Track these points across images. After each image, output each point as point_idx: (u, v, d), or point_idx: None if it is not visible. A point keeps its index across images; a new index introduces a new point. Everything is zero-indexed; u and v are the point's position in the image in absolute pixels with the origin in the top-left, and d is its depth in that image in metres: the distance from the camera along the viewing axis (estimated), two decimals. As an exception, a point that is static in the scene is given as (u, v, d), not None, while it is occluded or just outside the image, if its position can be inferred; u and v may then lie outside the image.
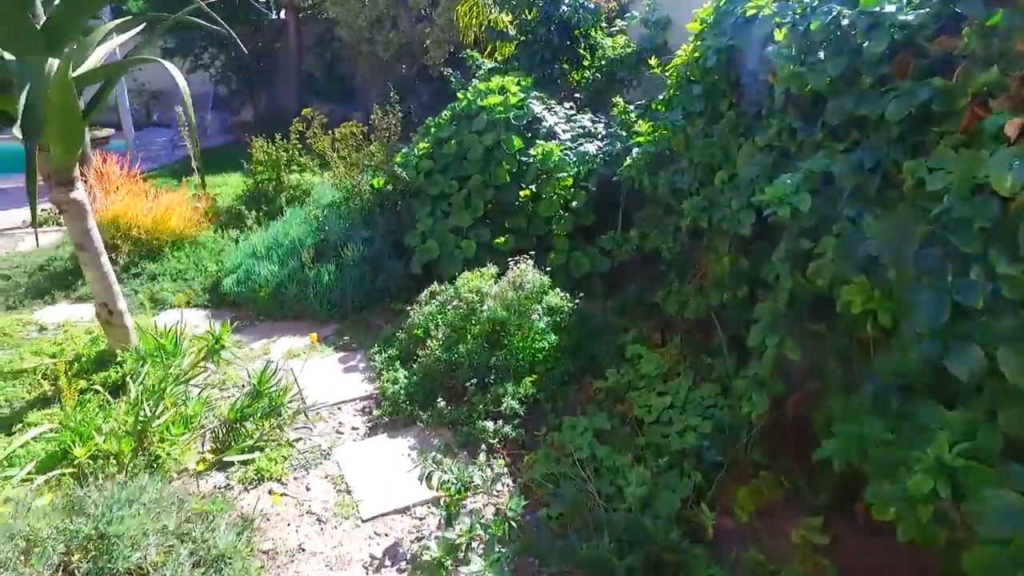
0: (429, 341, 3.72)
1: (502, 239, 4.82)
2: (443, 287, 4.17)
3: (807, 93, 2.27)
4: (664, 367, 3.49)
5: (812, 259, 2.10)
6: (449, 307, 3.85)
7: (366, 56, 12.53)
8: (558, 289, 3.97)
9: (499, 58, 7.30)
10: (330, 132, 6.80)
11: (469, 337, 3.63)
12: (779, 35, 2.48)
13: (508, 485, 3.01)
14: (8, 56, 3.12)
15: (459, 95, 5.43)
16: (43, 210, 7.68)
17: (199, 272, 5.49)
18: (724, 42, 3.06)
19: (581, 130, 5.10)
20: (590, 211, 4.83)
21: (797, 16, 2.42)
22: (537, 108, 5.11)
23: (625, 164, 3.87)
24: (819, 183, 2.06)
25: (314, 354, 4.32)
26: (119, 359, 3.83)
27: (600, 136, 5.02)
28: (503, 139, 4.83)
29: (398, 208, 5.22)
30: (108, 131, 9.07)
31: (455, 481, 2.57)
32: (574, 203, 4.78)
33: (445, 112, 5.34)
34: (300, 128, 6.86)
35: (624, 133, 4.64)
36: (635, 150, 3.91)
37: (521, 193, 4.94)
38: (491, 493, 2.81)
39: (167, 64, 3.24)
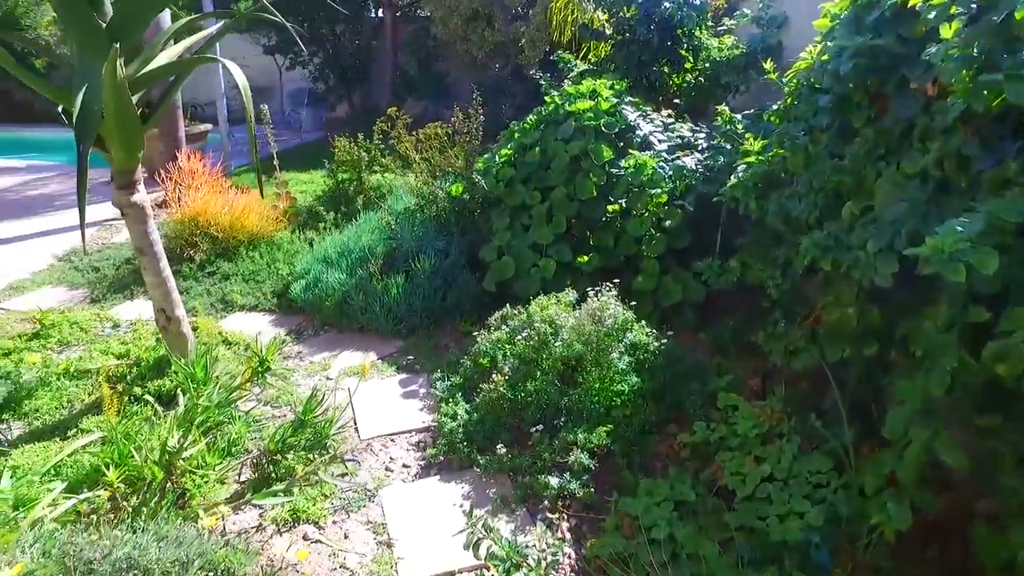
0: (495, 375, 3.34)
1: (585, 258, 4.38)
2: (515, 311, 3.79)
3: (993, 109, 1.71)
4: (763, 426, 2.95)
5: (990, 335, 1.56)
6: (520, 335, 3.46)
7: (460, 54, 12.35)
8: (643, 322, 3.50)
9: (593, 59, 6.86)
10: (414, 133, 6.57)
11: (539, 373, 3.23)
12: (947, 31, 1.92)
13: (569, 557, 2.58)
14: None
15: (546, 99, 5.04)
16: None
17: (271, 274, 5.36)
18: (863, 42, 2.50)
19: (679, 141, 4.58)
20: (685, 232, 4.31)
21: (982, 5, 1.85)
22: (631, 115, 4.64)
23: (729, 183, 3.34)
24: (1012, 235, 1.52)
25: (374, 373, 4.04)
26: (174, 368, 3.68)
27: (700, 148, 4.49)
28: (591, 148, 4.39)
29: (476, 218, 4.88)
30: (206, 126, 9.27)
31: (505, 559, 2.17)
32: (667, 222, 4.27)
33: (531, 116, 4.96)
34: (384, 127, 6.67)
35: (729, 146, 4.10)
36: (741, 167, 3.38)
37: (608, 208, 4.48)
38: None
39: (227, 62, 3.01)
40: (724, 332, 3.98)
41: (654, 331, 3.41)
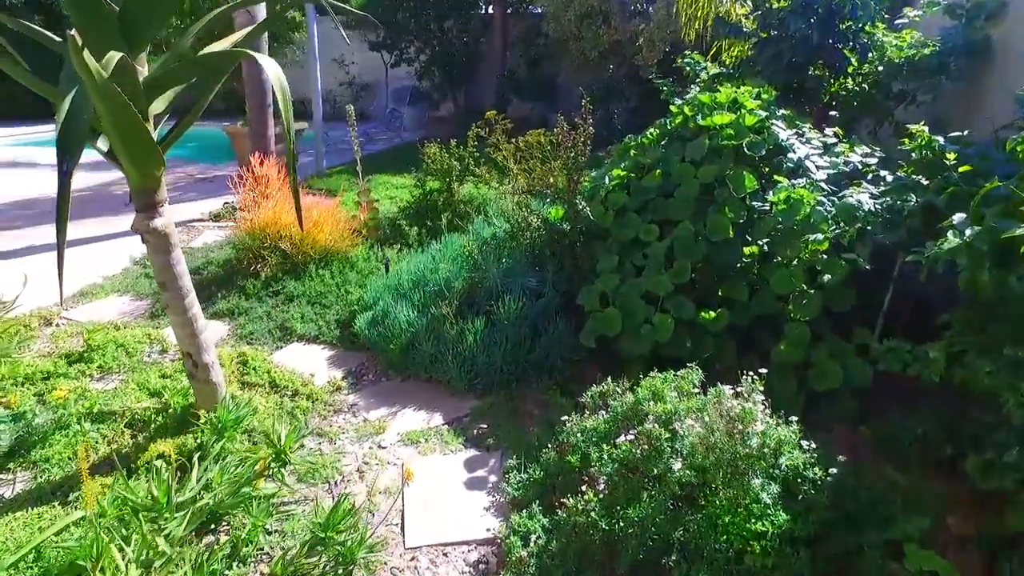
0: (585, 487, 2.46)
1: (711, 313, 3.42)
2: (618, 387, 2.90)
3: None
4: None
5: None
6: (623, 434, 2.57)
7: (572, 54, 11.52)
8: (795, 423, 2.51)
9: (728, 61, 5.80)
10: (513, 140, 5.79)
11: (646, 495, 2.33)
12: None
13: None
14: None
15: (672, 108, 4.09)
16: (226, 202, 7.62)
17: (339, 298, 4.73)
18: None
19: (846, 168, 3.52)
20: (848, 291, 3.26)
21: None
22: (782, 133, 3.61)
23: (946, 242, 2.29)
24: None
25: (436, 443, 3.27)
26: (202, 421, 3.06)
27: (876, 180, 3.40)
28: (730, 175, 3.41)
29: (576, 251, 4.00)
30: (302, 124, 8.91)
31: None
32: (826, 277, 3.24)
33: (651, 130, 4.02)
34: (480, 132, 5.92)
35: (926, 181, 3.00)
36: (959, 219, 2.33)
37: (745, 250, 3.50)
38: None
39: (261, 58, 2.31)
40: (902, 435, 2.91)
41: (814, 449, 2.40)
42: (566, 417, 2.85)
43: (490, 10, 13.61)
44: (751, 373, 2.46)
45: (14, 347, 4.09)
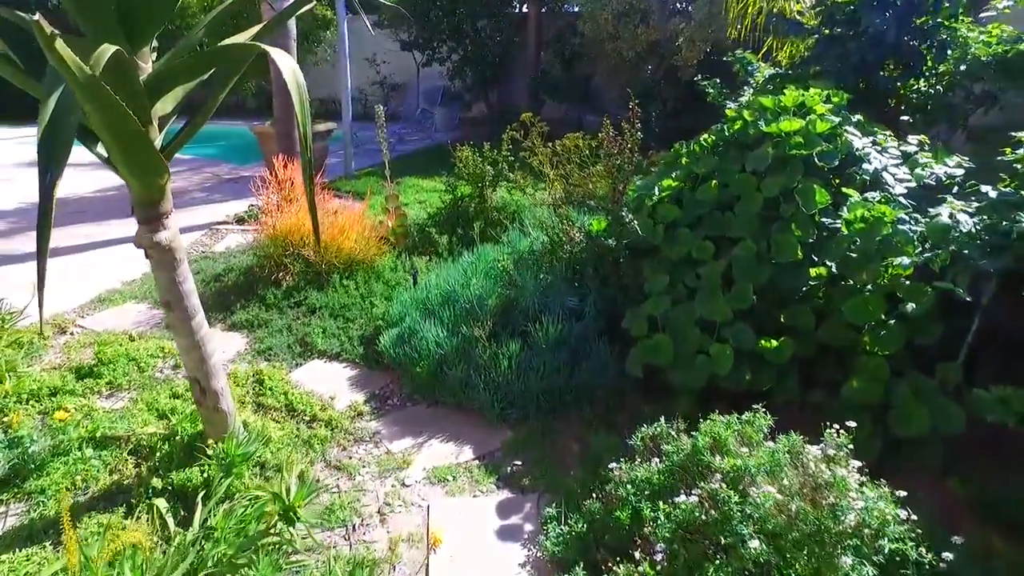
0: (640, 558, 2.12)
1: (772, 342, 3.05)
2: (672, 429, 2.56)
3: None
4: None
5: None
6: (679, 481, 2.23)
7: (608, 54, 11.13)
8: (883, 484, 2.13)
9: (783, 60, 5.40)
10: (550, 145, 5.46)
11: (712, 570, 1.97)
12: None
13: None
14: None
15: (728, 112, 3.71)
16: (251, 205, 7.41)
17: (364, 311, 4.44)
18: None
19: (932, 182, 3.11)
20: (936, 324, 2.86)
21: None
22: (857, 141, 3.22)
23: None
24: None
25: (466, 482, 2.95)
26: (209, 454, 2.78)
27: (968, 194, 2.99)
28: (799, 188, 3.04)
29: (620, 268, 3.65)
30: (330, 125, 8.68)
31: None
32: (909, 306, 2.84)
33: (705, 136, 3.66)
34: (515, 135, 5.60)
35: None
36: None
37: (812, 271, 3.12)
38: None
39: (272, 51, 2.01)
40: (1006, 497, 2.51)
41: (913, 520, 2.02)
42: (614, 465, 2.50)
43: (524, 9, 13.29)
44: (837, 427, 2.10)
45: (22, 359, 3.88)
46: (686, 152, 3.65)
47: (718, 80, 5.87)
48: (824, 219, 3.07)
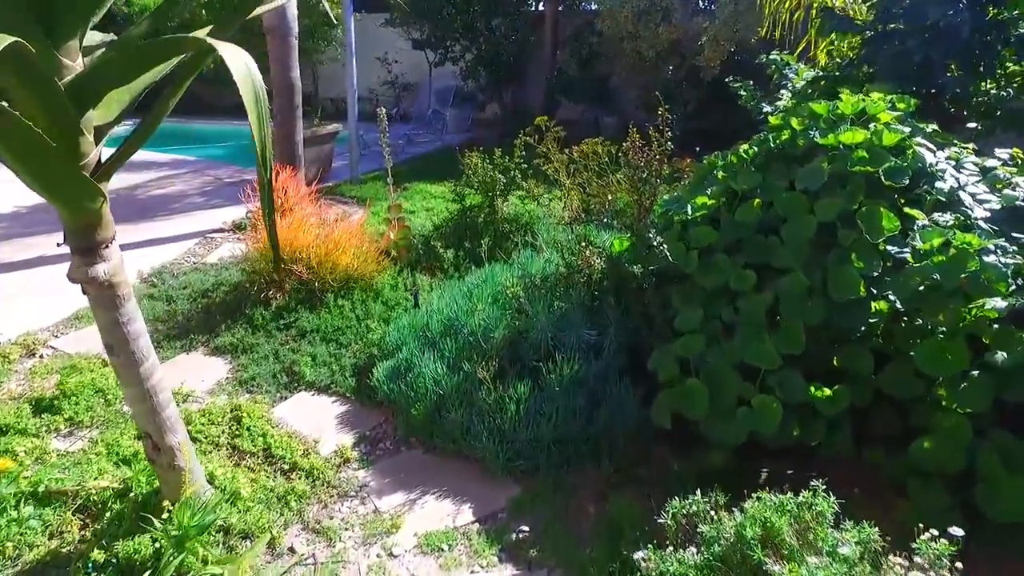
0: None
1: (825, 391, 2.59)
2: (709, 502, 2.11)
3: None
4: None
5: None
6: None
7: (627, 54, 10.65)
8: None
9: (824, 61, 4.92)
10: (566, 151, 5.02)
11: None
12: None
13: None
14: None
15: (770, 120, 3.24)
16: (249, 211, 7.03)
17: (359, 336, 4.02)
18: None
19: (1021, 203, 2.63)
20: (1029, 374, 2.38)
21: None
22: (929, 155, 2.74)
23: None
24: None
25: (463, 553, 2.52)
26: (162, 521, 2.36)
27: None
28: (862, 212, 2.56)
29: (645, 295, 3.19)
30: (335, 127, 8.29)
31: None
32: (999, 356, 2.36)
33: (745, 147, 3.19)
34: (528, 140, 5.16)
35: None
36: None
37: (874, 306, 2.65)
38: None
39: (221, 46, 1.58)
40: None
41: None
42: (641, 554, 2.05)
43: (540, 7, 12.84)
44: (934, 533, 1.64)
45: (-22, 389, 3.50)
46: (723, 165, 3.19)
47: (752, 83, 5.41)
48: (891, 247, 2.59)
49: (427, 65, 12.69)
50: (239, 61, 1.62)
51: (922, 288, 2.46)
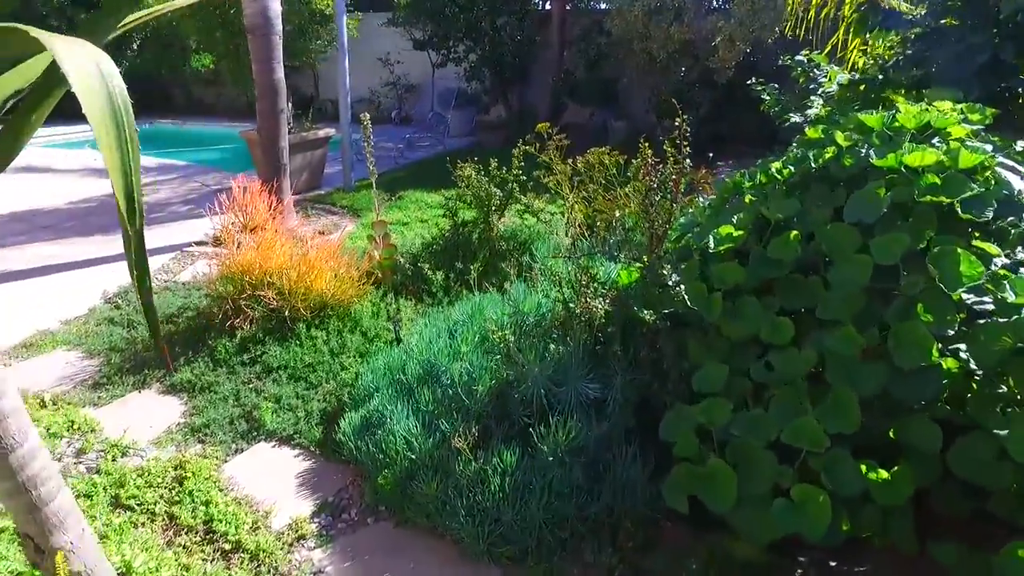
0: None
1: (882, 473, 2.07)
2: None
3: None
4: None
5: None
6: None
7: (637, 55, 10.15)
8: None
9: (861, 62, 4.39)
10: (570, 161, 4.52)
11: None
12: None
13: None
14: None
15: (808, 133, 2.73)
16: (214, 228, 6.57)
17: (331, 375, 3.54)
18: None
19: None
20: None
21: None
22: (1016, 180, 2.22)
23: None
24: None
25: (432, 677, 2.02)
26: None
27: None
28: (934, 252, 2.05)
29: (658, 344, 2.68)
30: (328, 131, 7.81)
31: None
32: (1113, 441, 1.84)
33: (776, 165, 2.67)
34: (528, 150, 4.66)
35: None
36: None
37: (945, 365, 2.13)
38: None
39: (50, 41, 1.09)
40: None
41: None
42: None
43: (547, 6, 12.35)
44: None
45: None
46: (751, 187, 2.67)
47: (775, 85, 4.89)
48: (967, 295, 2.08)
49: (430, 66, 12.23)
50: (84, 64, 1.14)
51: (1012, 351, 1.95)
